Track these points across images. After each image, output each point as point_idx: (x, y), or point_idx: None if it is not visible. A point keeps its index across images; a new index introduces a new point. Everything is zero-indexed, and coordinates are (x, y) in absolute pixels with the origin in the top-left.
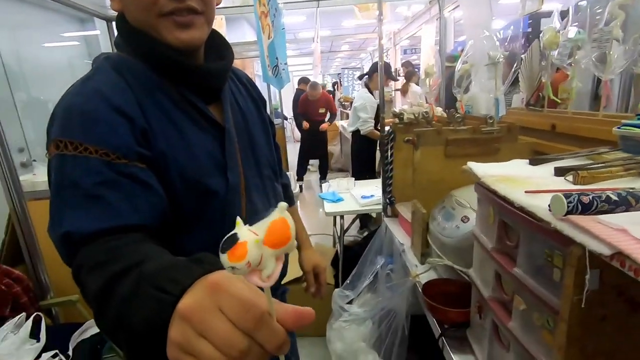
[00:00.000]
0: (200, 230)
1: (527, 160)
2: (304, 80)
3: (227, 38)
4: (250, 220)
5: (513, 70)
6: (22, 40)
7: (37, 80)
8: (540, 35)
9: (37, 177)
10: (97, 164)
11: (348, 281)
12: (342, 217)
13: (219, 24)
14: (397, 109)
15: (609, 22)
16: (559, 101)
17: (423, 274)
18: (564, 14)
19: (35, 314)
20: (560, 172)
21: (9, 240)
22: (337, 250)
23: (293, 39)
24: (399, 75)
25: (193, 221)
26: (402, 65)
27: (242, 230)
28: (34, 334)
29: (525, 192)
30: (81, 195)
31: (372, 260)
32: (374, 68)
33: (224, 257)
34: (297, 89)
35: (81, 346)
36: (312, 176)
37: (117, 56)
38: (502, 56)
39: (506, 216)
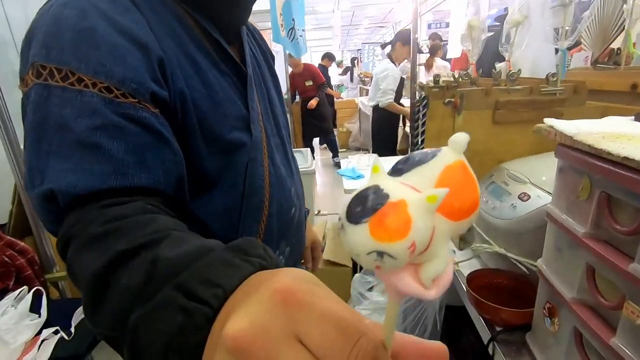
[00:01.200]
0: (216, 194)
1: (632, 117)
2: (327, 56)
3: None
4: (273, 189)
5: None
6: (33, 5)
7: None
8: None
9: None
10: (94, 101)
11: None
12: None
13: None
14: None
15: None
16: (635, 52)
17: (464, 262)
18: None
19: (35, 287)
20: None
21: (16, 211)
22: None
23: (311, 10)
24: (423, 49)
25: (208, 183)
26: (429, 37)
27: (385, 182)
28: (36, 309)
29: None
30: (72, 142)
31: None
32: (398, 37)
33: (360, 232)
34: (319, 64)
35: (84, 323)
36: (324, 154)
37: None
38: None
39: (619, 188)
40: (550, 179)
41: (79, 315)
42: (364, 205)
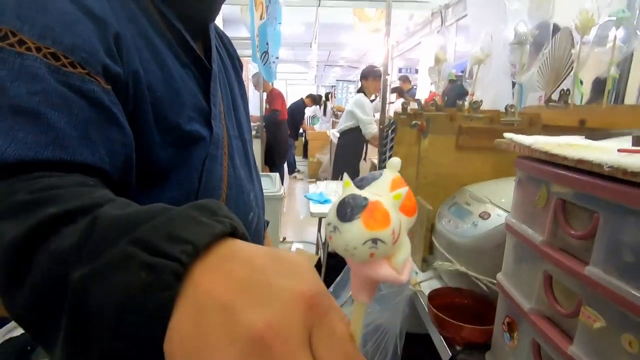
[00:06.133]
0: (167, 188)
1: (582, 137)
2: (312, 97)
3: None
4: (231, 191)
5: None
6: None
7: None
8: (572, 20)
9: None
10: (37, 66)
11: (330, 290)
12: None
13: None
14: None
15: None
16: (583, 93)
17: (425, 282)
18: None
19: None
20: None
21: None
22: (319, 257)
23: (290, 48)
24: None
25: (160, 175)
26: (399, 78)
27: (358, 191)
28: None
29: (619, 150)
30: (4, 106)
31: None
32: (368, 69)
33: (356, 226)
34: (302, 99)
35: (6, 347)
36: (292, 183)
37: None
38: (531, 36)
39: (572, 192)
40: (509, 200)
41: (0, 337)
42: (352, 207)
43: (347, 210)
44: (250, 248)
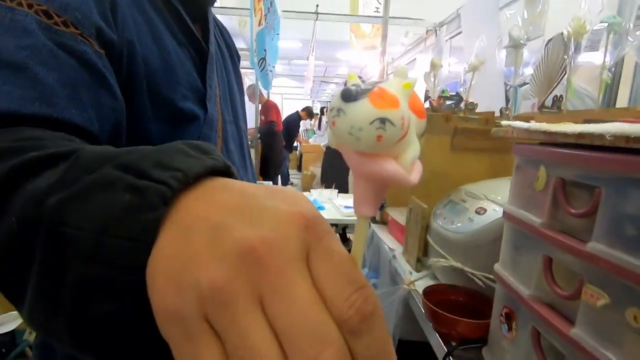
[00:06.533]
0: None
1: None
2: (307, 110)
3: None
4: None
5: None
6: None
7: None
8: (565, 26)
9: None
10: (28, 21)
11: None
12: None
13: None
14: None
15: None
16: (578, 101)
17: (420, 281)
18: None
19: None
20: None
21: None
22: None
23: (287, 63)
24: None
25: None
26: None
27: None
28: None
29: (622, 120)
30: None
31: None
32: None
33: (362, 105)
34: (297, 111)
35: None
36: None
37: None
38: (526, 37)
39: (573, 171)
40: (506, 196)
41: None
42: (358, 90)
43: (353, 92)
44: (244, 182)
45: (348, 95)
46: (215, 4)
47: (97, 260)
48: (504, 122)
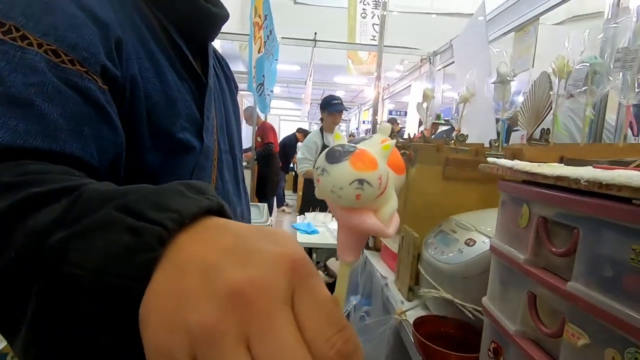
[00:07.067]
0: None
1: (560, 164)
2: (303, 132)
3: None
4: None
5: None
6: None
7: None
8: (550, 64)
9: None
10: (37, 60)
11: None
12: (313, 252)
13: None
14: None
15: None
16: (565, 133)
17: (411, 311)
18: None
19: None
20: (619, 165)
21: None
22: None
23: (285, 85)
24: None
25: (148, 180)
26: (388, 120)
27: (347, 142)
28: None
29: (594, 166)
30: (0, 95)
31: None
32: (325, 101)
33: (343, 167)
34: (294, 133)
35: None
36: (280, 216)
37: None
38: (514, 74)
39: (553, 210)
40: (494, 228)
41: None
42: (341, 151)
43: (336, 154)
44: (237, 223)
45: (332, 157)
46: None
47: (96, 299)
48: (490, 159)
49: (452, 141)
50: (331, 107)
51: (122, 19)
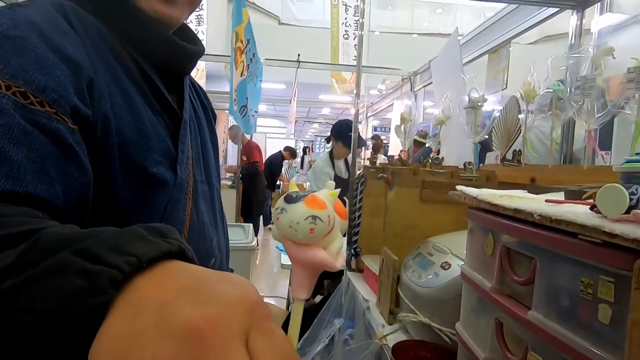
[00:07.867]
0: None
1: (525, 191)
2: (289, 150)
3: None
4: (192, 235)
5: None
6: None
7: None
8: (519, 88)
9: None
10: (3, 102)
11: (298, 346)
12: None
13: (200, 75)
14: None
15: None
16: (536, 155)
17: (391, 335)
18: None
19: None
20: (573, 195)
21: None
22: (289, 313)
23: (271, 104)
24: (367, 147)
25: (121, 215)
26: (372, 137)
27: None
28: None
29: (547, 200)
30: None
31: (329, 322)
32: (333, 132)
33: (299, 206)
34: (280, 151)
35: None
36: (269, 236)
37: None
38: (484, 100)
39: (514, 240)
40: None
41: None
42: (298, 195)
43: (294, 195)
44: (196, 267)
45: (290, 199)
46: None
47: (46, 344)
48: (458, 187)
49: (429, 163)
50: (347, 140)
51: (95, 57)
